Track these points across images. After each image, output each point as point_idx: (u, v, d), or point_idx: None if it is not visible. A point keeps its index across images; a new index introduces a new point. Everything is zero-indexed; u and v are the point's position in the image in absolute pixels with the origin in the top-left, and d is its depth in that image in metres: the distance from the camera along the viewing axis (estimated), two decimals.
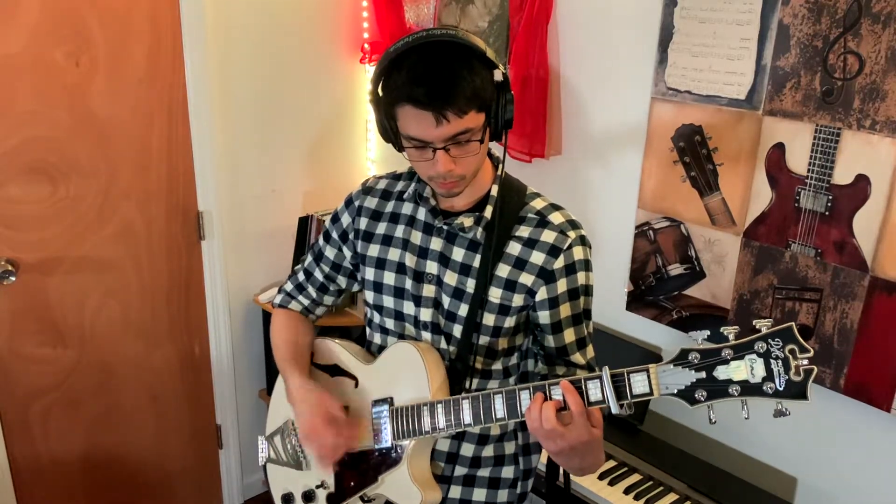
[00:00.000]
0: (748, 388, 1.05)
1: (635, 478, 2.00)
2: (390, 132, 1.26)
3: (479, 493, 1.45)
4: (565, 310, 1.34)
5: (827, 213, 1.79)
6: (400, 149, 1.29)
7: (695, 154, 2.01)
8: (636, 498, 1.93)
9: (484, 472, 1.45)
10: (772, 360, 1.04)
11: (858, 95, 1.68)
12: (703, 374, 1.07)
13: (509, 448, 1.45)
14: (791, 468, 2.00)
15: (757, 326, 1.05)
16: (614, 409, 1.13)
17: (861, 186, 1.72)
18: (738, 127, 1.91)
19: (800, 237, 1.84)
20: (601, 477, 1.99)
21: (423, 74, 1.16)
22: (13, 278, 2.23)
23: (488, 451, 1.44)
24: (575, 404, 1.14)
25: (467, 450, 1.43)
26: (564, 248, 1.31)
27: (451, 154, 1.21)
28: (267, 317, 2.81)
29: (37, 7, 2.12)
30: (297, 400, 1.41)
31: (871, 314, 1.75)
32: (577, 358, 1.37)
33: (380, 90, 1.25)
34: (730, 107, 1.91)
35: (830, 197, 1.77)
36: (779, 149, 1.84)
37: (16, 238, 2.23)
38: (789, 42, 1.78)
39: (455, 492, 1.44)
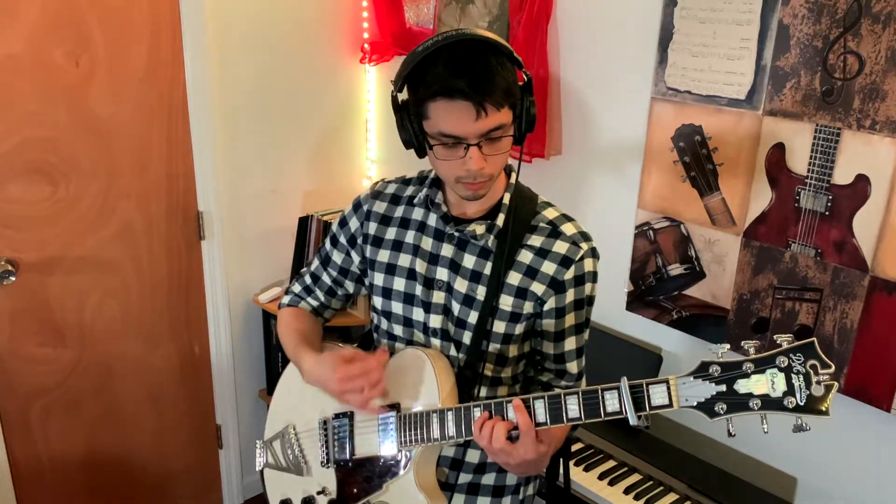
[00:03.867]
0: (769, 403, 1.05)
1: (635, 478, 2.00)
2: (415, 133, 1.23)
3: (483, 502, 1.44)
4: (570, 319, 1.35)
5: (827, 212, 1.79)
6: (423, 154, 1.26)
7: (695, 154, 2.01)
8: (636, 498, 1.93)
9: (488, 479, 1.43)
10: (793, 375, 1.04)
11: (858, 95, 1.68)
12: (723, 388, 1.08)
13: None
14: (791, 468, 2.00)
15: (778, 341, 1.05)
16: (632, 421, 1.11)
17: (861, 186, 1.72)
18: (738, 127, 1.91)
19: (800, 237, 1.84)
20: (601, 477, 1.99)
21: (462, 66, 1.15)
22: (13, 278, 2.23)
23: None
24: (523, 424, 1.17)
25: (473, 456, 1.42)
26: (576, 259, 1.32)
27: (484, 151, 1.20)
28: (267, 317, 2.81)
29: (37, 7, 2.11)
30: (313, 375, 1.37)
31: (871, 314, 1.75)
32: (572, 367, 1.39)
33: (405, 91, 1.23)
34: (730, 107, 1.91)
35: (830, 197, 1.77)
36: (779, 149, 1.84)
37: (16, 238, 2.23)
38: (789, 42, 1.78)
39: (458, 500, 1.43)
